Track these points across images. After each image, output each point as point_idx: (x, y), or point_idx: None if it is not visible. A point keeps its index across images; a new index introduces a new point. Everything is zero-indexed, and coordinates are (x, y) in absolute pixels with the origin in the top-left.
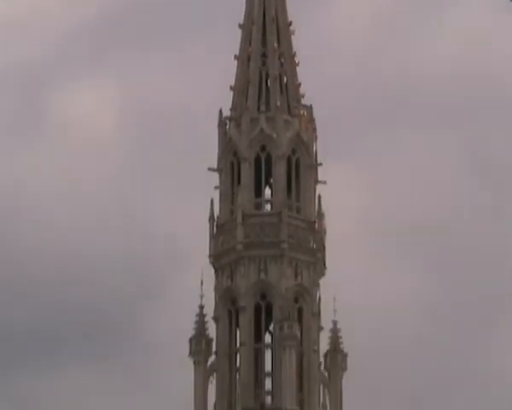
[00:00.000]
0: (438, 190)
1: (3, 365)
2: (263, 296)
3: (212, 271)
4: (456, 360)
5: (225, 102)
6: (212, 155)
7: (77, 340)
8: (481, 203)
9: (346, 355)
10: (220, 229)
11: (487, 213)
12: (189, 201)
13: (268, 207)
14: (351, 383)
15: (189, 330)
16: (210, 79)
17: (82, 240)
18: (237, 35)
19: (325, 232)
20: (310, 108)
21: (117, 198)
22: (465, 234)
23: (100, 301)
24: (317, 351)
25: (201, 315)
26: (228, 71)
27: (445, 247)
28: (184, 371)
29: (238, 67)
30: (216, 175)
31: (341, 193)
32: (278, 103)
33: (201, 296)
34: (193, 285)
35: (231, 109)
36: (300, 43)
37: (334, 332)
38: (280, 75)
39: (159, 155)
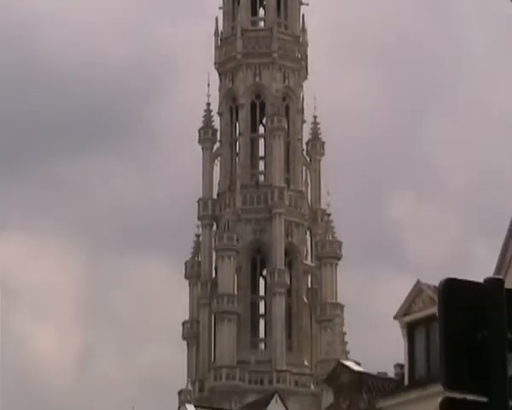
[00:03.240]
0: (396, 16)
1: (40, 153)
2: (257, 96)
3: (217, 76)
4: (402, 143)
5: None
6: None
7: (98, 132)
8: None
9: (323, 143)
10: (223, 42)
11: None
12: (196, 20)
13: (262, 23)
14: (327, 165)
15: (198, 123)
16: None
17: (100, 48)
18: None
19: (307, 45)
20: None
21: (133, 17)
22: (414, 51)
23: (116, 100)
24: (301, 140)
25: (208, 111)
26: None
27: (398, 60)
28: (193, 157)
29: None
30: None
31: (321, 12)
32: None
33: (208, 95)
34: (200, 88)
35: None
36: None
37: (315, 124)
38: None
39: None
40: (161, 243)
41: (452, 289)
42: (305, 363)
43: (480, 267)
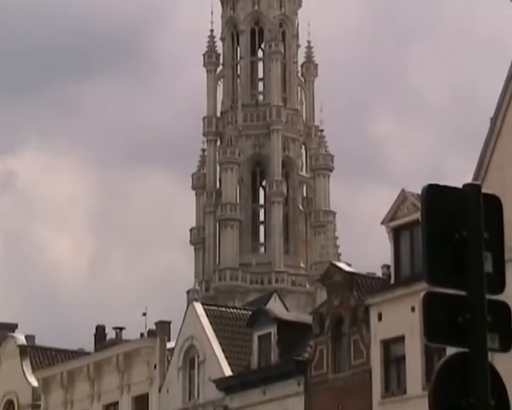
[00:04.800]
0: None
1: (47, 76)
2: (256, 23)
3: (219, 4)
4: (387, 66)
5: None
6: None
7: (108, 59)
8: None
9: (317, 65)
10: None
11: None
12: None
13: None
14: (320, 86)
15: (202, 48)
16: None
17: None
18: None
19: None
20: None
21: None
22: None
23: (125, 28)
24: (296, 63)
25: (212, 37)
26: None
27: None
28: (198, 80)
29: None
30: None
31: None
32: None
33: (211, 22)
34: (203, 16)
35: None
36: None
37: (309, 49)
38: None
39: None
40: (169, 158)
41: (434, 193)
42: (301, 265)
43: (454, 179)
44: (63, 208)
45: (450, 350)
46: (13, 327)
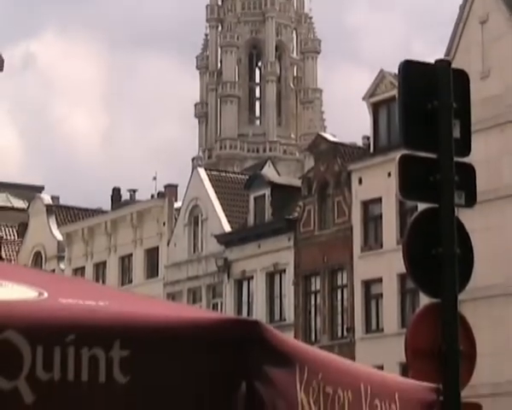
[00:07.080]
0: None
1: None
2: None
3: None
4: None
5: None
6: None
7: None
8: None
9: None
10: None
11: None
12: None
13: None
14: None
15: None
16: None
17: None
18: None
19: None
20: None
21: None
22: None
23: None
24: None
25: None
26: None
27: None
28: None
29: None
30: None
31: None
32: None
33: None
34: None
35: None
36: None
37: None
38: None
39: None
40: (175, 41)
41: (409, 67)
42: (292, 136)
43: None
44: (78, 87)
45: (422, 208)
46: (40, 189)
